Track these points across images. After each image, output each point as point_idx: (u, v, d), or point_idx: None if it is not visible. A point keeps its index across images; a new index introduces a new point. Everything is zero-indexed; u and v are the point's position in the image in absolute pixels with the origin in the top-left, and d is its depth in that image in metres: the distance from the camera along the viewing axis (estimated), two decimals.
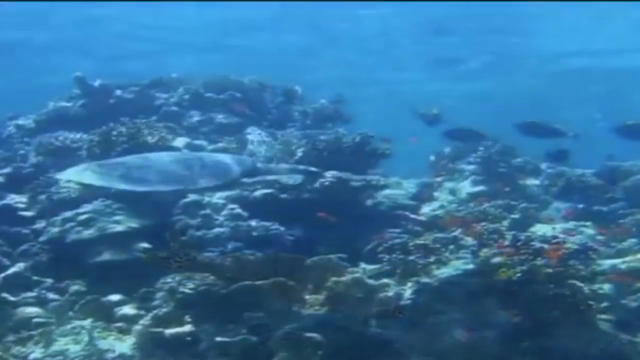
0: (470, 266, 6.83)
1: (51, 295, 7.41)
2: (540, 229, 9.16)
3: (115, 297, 7.32)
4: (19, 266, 7.64)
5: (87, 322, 6.90)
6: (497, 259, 6.81)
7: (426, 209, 9.82)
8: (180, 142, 9.88)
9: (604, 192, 11.25)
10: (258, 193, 8.29)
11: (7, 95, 13.61)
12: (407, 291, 6.77)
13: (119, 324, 7.04)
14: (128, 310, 7.20)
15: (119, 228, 7.75)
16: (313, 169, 7.86)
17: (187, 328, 6.72)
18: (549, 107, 26.85)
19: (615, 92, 29.41)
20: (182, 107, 13.07)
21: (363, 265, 7.30)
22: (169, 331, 6.68)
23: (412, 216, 9.08)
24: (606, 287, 7.54)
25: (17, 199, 8.78)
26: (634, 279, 7.42)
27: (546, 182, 11.74)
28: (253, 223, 7.80)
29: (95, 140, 8.65)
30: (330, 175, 8.36)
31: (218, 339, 6.65)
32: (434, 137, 12.12)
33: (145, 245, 7.71)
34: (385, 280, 6.94)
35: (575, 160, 12.04)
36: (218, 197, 8.21)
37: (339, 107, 13.88)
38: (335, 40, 26.16)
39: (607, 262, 8.01)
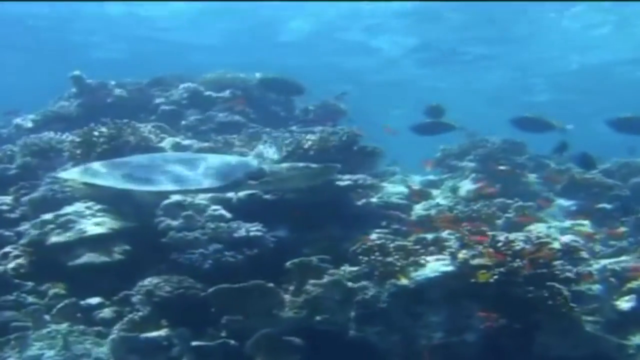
0: (450, 268, 6.72)
1: (30, 299, 7.35)
2: (537, 228, 9.09)
3: (94, 301, 7.30)
4: None
5: (64, 326, 6.88)
6: (476, 261, 6.71)
7: (419, 208, 9.73)
8: (168, 142, 9.87)
9: (609, 189, 11.11)
10: (242, 194, 8.23)
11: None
12: (381, 293, 6.66)
13: (97, 328, 7.02)
14: (107, 313, 7.18)
15: (100, 230, 7.68)
16: (314, 165, 7.82)
17: (164, 332, 6.69)
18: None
19: None
20: (181, 105, 12.98)
21: (346, 267, 7.17)
22: (145, 335, 6.66)
23: (403, 216, 8.99)
24: (595, 288, 7.44)
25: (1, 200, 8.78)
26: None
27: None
28: (234, 225, 7.72)
29: (77, 141, 8.63)
30: None
31: (195, 343, 6.63)
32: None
33: (126, 247, 7.67)
34: (364, 283, 6.83)
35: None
36: (201, 198, 8.17)
37: (342, 104, 13.80)
38: None
39: (601, 263, 7.91)
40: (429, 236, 7.32)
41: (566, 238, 8.17)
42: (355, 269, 7.06)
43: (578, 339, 6.85)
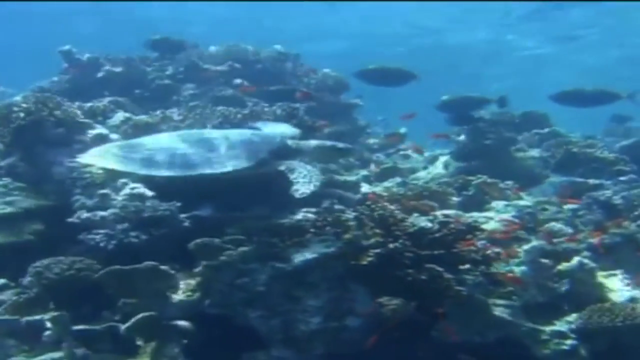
0: (331, 249, 6.59)
1: None
2: (496, 207, 8.89)
3: None
4: None
5: None
6: (364, 242, 6.59)
7: (374, 187, 9.60)
8: (117, 117, 9.83)
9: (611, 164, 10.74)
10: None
11: None
12: (260, 276, 6.58)
13: None
14: (8, 295, 7.25)
15: (9, 209, 7.78)
16: (341, 144, 7.80)
17: (48, 315, 6.72)
18: None
19: None
20: (177, 80, 13.08)
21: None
22: (26, 319, 6.71)
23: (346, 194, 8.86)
24: (519, 270, 7.24)
25: None
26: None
27: (546, 153, 11.28)
28: (146, 204, 7.71)
29: None
30: None
31: (80, 327, 6.67)
32: None
33: (38, 227, 7.75)
34: (253, 265, 6.76)
35: None
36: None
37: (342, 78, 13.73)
38: None
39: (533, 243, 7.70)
40: (331, 217, 7.13)
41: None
42: (246, 249, 6.93)
43: (484, 324, 6.68)
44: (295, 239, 6.86)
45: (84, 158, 6.96)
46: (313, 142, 7.71)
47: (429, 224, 6.94)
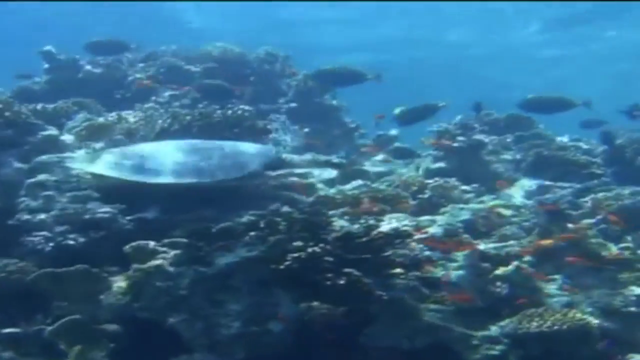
0: (254, 253, 6.55)
1: None
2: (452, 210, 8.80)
3: None
4: None
5: None
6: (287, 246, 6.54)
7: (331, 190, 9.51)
8: (79, 119, 9.81)
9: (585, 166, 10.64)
10: None
11: None
12: (186, 280, 6.55)
13: None
14: None
15: None
16: (336, 159, 7.82)
17: None
18: None
19: None
20: (158, 81, 13.12)
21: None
22: None
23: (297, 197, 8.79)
24: (454, 275, 7.18)
25: None
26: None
27: (518, 156, 11.20)
28: (86, 206, 7.69)
29: None
30: None
31: (8, 330, 6.66)
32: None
33: None
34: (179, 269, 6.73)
35: None
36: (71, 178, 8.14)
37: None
38: None
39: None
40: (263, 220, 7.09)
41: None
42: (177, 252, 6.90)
43: (413, 329, 6.60)
44: (222, 242, 6.80)
45: (74, 163, 6.98)
46: (307, 156, 7.72)
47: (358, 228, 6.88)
